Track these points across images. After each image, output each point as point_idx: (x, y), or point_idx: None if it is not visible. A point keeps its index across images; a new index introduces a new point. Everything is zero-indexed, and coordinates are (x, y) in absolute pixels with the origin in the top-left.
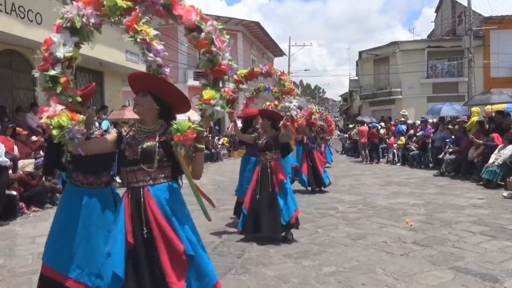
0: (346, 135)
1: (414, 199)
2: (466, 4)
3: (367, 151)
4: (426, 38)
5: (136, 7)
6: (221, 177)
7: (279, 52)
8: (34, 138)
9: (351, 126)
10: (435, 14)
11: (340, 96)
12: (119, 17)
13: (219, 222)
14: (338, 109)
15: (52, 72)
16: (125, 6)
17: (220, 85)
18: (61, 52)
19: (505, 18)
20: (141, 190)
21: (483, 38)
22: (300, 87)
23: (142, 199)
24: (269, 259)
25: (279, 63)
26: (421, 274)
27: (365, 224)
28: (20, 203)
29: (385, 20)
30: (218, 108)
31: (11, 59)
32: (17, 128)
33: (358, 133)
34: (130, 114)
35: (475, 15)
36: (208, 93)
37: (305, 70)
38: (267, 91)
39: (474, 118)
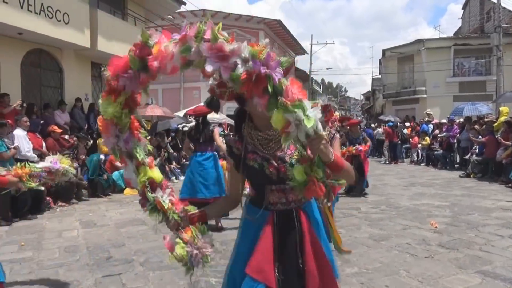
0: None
1: (439, 200)
2: (495, 0)
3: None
4: (452, 35)
5: None
6: None
7: (301, 51)
8: (67, 137)
9: (373, 125)
10: (462, 11)
11: (362, 95)
12: None
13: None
14: (360, 108)
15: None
16: None
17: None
18: None
19: None
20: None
21: None
22: (321, 86)
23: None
24: None
25: (301, 62)
26: (446, 278)
27: (389, 225)
28: (48, 198)
29: (410, 17)
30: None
31: (39, 58)
32: (53, 126)
33: (384, 132)
34: (151, 111)
35: (504, 11)
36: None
37: (327, 69)
38: None
39: (503, 118)
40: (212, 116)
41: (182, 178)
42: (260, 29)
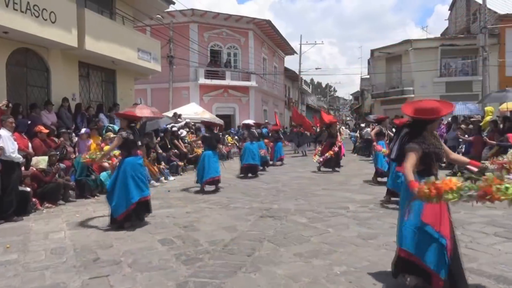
0: (357, 134)
1: None
2: (481, 2)
3: None
4: (439, 36)
5: None
6: (231, 175)
7: (290, 51)
8: (56, 139)
9: (362, 125)
10: (449, 12)
11: (351, 95)
12: None
13: (230, 220)
14: (349, 108)
15: None
16: None
17: None
18: None
19: None
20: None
21: (499, 36)
22: (311, 86)
23: None
24: (279, 258)
25: (290, 62)
26: None
27: (376, 223)
28: (34, 199)
29: (398, 18)
30: None
31: (25, 58)
32: (39, 126)
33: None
34: (139, 111)
35: (490, 12)
36: None
37: (316, 69)
38: None
39: (488, 118)
40: (201, 116)
41: (171, 178)
42: (249, 29)
